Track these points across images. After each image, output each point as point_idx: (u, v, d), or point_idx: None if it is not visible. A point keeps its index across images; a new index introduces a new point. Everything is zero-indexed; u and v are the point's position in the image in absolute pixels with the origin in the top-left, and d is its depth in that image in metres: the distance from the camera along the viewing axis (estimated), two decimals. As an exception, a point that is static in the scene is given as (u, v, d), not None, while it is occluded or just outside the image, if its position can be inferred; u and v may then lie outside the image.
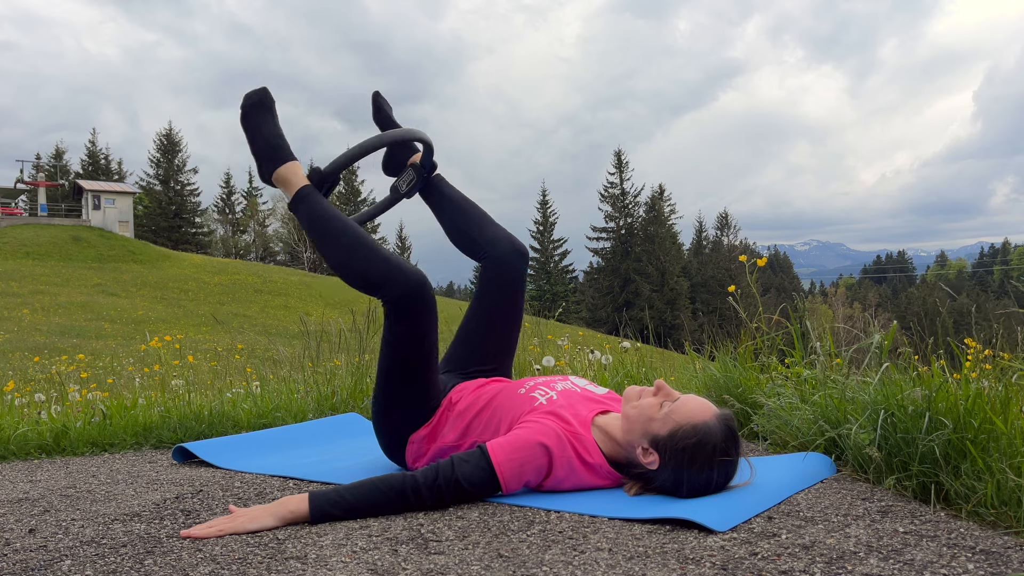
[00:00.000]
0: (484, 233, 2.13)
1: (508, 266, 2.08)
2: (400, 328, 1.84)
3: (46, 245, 40.95)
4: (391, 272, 1.82)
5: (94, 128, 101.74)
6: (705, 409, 1.59)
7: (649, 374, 3.32)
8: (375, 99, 2.34)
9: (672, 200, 61.09)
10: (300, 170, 2.00)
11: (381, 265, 1.84)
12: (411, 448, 1.91)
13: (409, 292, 1.81)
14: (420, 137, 2.13)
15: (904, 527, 1.30)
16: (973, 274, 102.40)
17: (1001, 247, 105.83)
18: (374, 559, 1.24)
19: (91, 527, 1.52)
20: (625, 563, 1.18)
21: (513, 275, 2.08)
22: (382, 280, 1.82)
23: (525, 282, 2.12)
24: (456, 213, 2.19)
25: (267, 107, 2.03)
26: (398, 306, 1.83)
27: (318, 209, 1.94)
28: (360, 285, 1.87)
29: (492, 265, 2.09)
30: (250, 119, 2.03)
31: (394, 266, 1.83)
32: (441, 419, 1.89)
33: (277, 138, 2.02)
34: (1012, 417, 1.43)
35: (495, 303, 2.09)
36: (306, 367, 3.81)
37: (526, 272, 2.12)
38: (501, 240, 2.10)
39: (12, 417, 2.89)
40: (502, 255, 2.08)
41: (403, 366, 1.86)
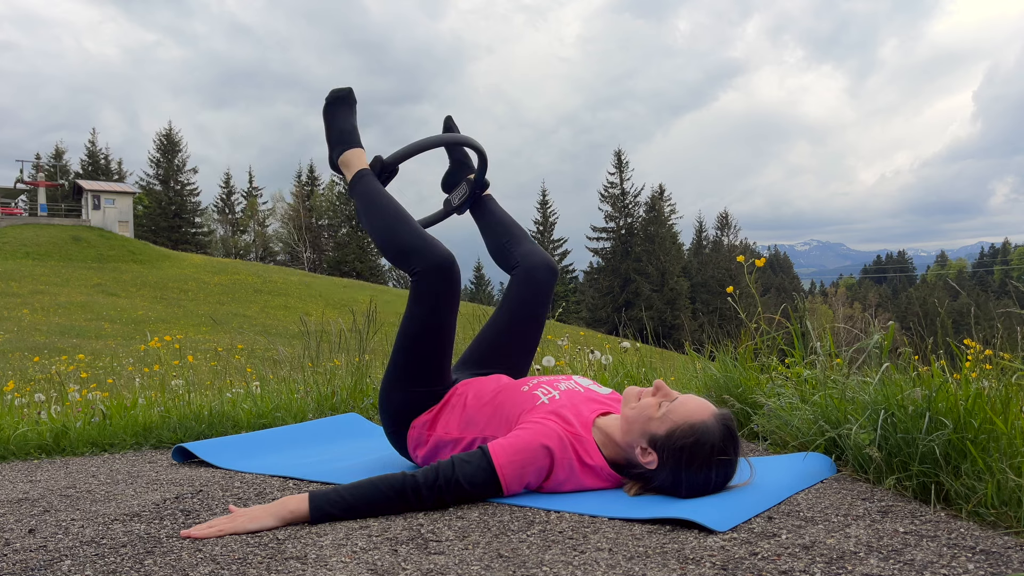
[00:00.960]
0: (519, 248, 2.24)
1: (537, 279, 2.17)
2: (423, 300, 1.91)
3: (46, 245, 40.95)
4: (425, 244, 1.93)
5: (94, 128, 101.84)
6: (703, 409, 1.59)
7: (649, 374, 3.32)
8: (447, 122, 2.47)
9: (672, 200, 61.13)
10: (364, 156, 2.17)
11: (417, 238, 1.96)
12: (412, 434, 1.93)
13: (438, 265, 1.90)
14: (478, 148, 2.25)
15: (904, 527, 1.30)
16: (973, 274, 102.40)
17: (1001, 247, 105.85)
18: (374, 559, 1.24)
19: (91, 527, 1.52)
20: (625, 563, 1.18)
21: (540, 288, 2.17)
22: (415, 250, 1.93)
23: (551, 296, 2.21)
24: (499, 229, 2.32)
25: (348, 103, 2.24)
26: (426, 277, 1.90)
27: (372, 188, 2.09)
28: (396, 254, 1.98)
29: (522, 276, 2.19)
30: (331, 109, 2.23)
31: (429, 241, 1.95)
32: (444, 408, 1.91)
33: (350, 127, 2.21)
34: (1012, 417, 1.43)
35: (519, 313, 2.16)
36: (306, 367, 3.81)
37: (554, 288, 2.21)
38: (533, 254, 2.22)
39: (12, 417, 2.89)
40: (533, 267, 2.18)
41: (421, 339, 1.91)
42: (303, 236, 59.64)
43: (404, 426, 1.95)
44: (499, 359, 2.13)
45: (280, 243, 63.00)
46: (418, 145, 2.16)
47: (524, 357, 2.19)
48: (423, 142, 2.17)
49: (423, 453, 1.92)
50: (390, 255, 2.01)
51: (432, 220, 2.38)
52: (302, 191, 62.26)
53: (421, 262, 1.91)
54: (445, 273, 1.90)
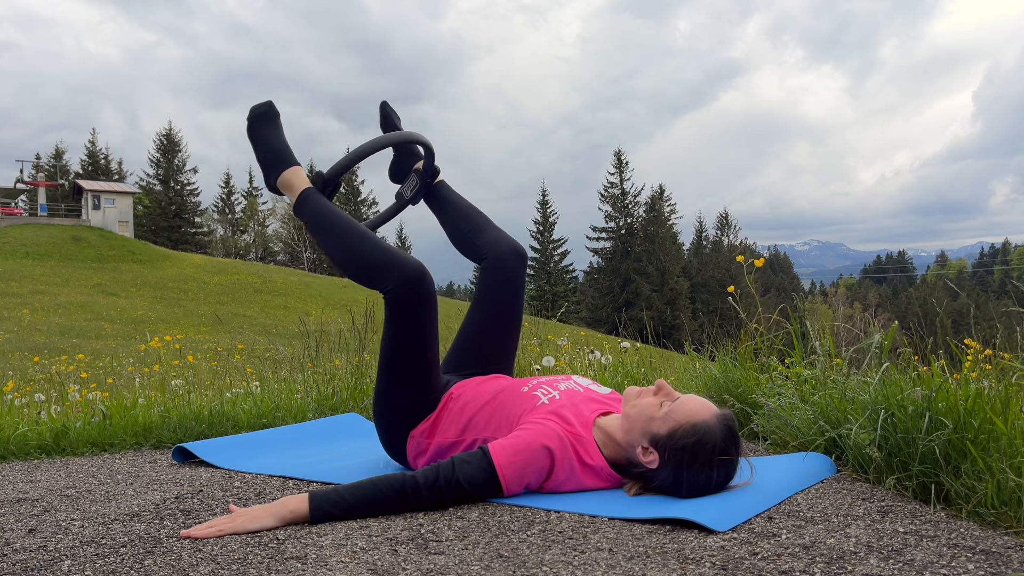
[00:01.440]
0: (484, 236, 2.16)
1: (507, 267, 2.11)
2: (400, 317, 1.86)
3: (46, 245, 40.95)
4: (392, 261, 1.87)
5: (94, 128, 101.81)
6: (705, 409, 1.59)
7: (649, 374, 3.32)
8: (383, 108, 2.37)
9: (672, 200, 61.12)
10: (303, 174, 2.07)
11: (381, 256, 1.88)
12: (411, 444, 1.91)
13: (408, 280, 1.84)
14: (420, 140, 2.16)
15: (904, 527, 1.30)
16: (973, 274, 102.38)
17: (1001, 247, 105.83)
18: (374, 559, 1.24)
19: (91, 527, 1.52)
20: (625, 563, 1.18)
21: (512, 276, 2.11)
22: (381, 269, 1.86)
23: (524, 283, 2.15)
24: (458, 218, 2.23)
25: (272, 118, 2.12)
26: (398, 294, 1.85)
27: (320, 208, 2.00)
28: (361, 276, 1.92)
29: (491, 266, 2.12)
30: (255, 129, 2.12)
31: (394, 256, 1.88)
32: (441, 414, 1.89)
33: (281, 145, 2.10)
34: (1012, 417, 1.43)
35: (495, 304, 2.11)
36: (306, 367, 3.81)
37: (525, 273, 2.14)
38: (500, 242, 2.14)
39: (12, 417, 2.89)
40: (501, 256, 2.11)
41: (403, 356, 1.87)
42: (303, 236, 59.62)
43: (402, 437, 1.93)
44: (484, 355, 2.08)
45: (280, 243, 62.99)
46: (357, 153, 2.06)
47: (507, 350, 2.13)
48: (361, 149, 2.06)
49: (424, 461, 1.90)
50: (356, 277, 1.94)
51: (387, 216, 2.30)
52: (302, 191, 62.15)
53: (391, 280, 1.85)
54: (417, 286, 1.84)
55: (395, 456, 1.99)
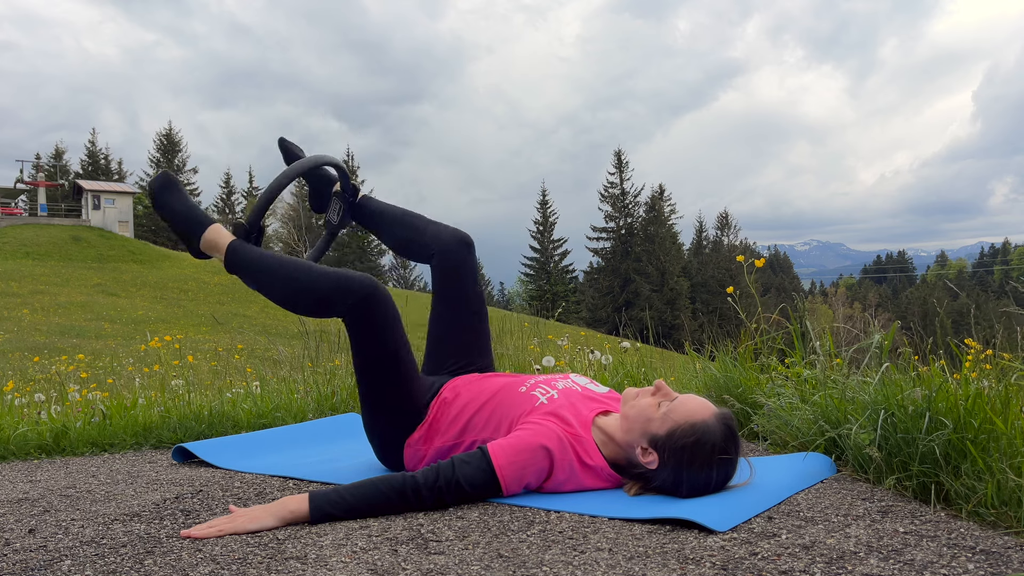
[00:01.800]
0: (425, 233, 2.12)
1: (454, 256, 2.07)
2: (364, 336, 1.85)
3: (46, 245, 40.94)
4: (339, 283, 1.83)
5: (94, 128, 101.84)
6: (704, 408, 1.59)
7: (649, 374, 3.31)
8: (282, 144, 2.31)
9: (672, 200, 61.10)
10: (223, 230, 2.04)
11: (326, 283, 1.85)
12: (408, 452, 1.90)
13: (361, 299, 1.81)
14: (328, 161, 2.12)
15: (904, 527, 1.30)
16: (973, 274, 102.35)
17: (1001, 247, 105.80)
18: (374, 559, 1.24)
19: (91, 527, 1.52)
20: (625, 563, 1.18)
21: (460, 264, 2.07)
22: (331, 296, 1.83)
23: (475, 269, 2.11)
24: (393, 225, 2.19)
25: (173, 186, 2.08)
26: (355, 314, 1.83)
27: (251, 256, 1.96)
28: (313, 309, 1.89)
29: (439, 260, 2.08)
30: (162, 203, 2.07)
31: (340, 277, 1.84)
32: (436, 418, 1.87)
33: (191, 210, 2.06)
34: (1012, 417, 1.43)
35: (451, 296, 2.08)
36: (306, 367, 3.81)
37: (474, 258, 2.10)
38: (441, 235, 2.10)
39: (12, 417, 2.89)
40: (446, 247, 2.08)
41: (378, 371, 1.86)
42: (303, 236, 59.63)
43: (398, 448, 1.91)
44: (456, 352, 2.06)
45: (280, 243, 63.02)
46: (268, 193, 2.01)
47: (478, 340, 2.09)
48: (271, 188, 2.01)
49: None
50: (309, 311, 1.91)
51: (322, 247, 2.27)
52: (302, 191, 62.22)
53: (344, 303, 1.82)
54: (371, 301, 1.82)
55: (393, 467, 1.97)
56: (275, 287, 1.92)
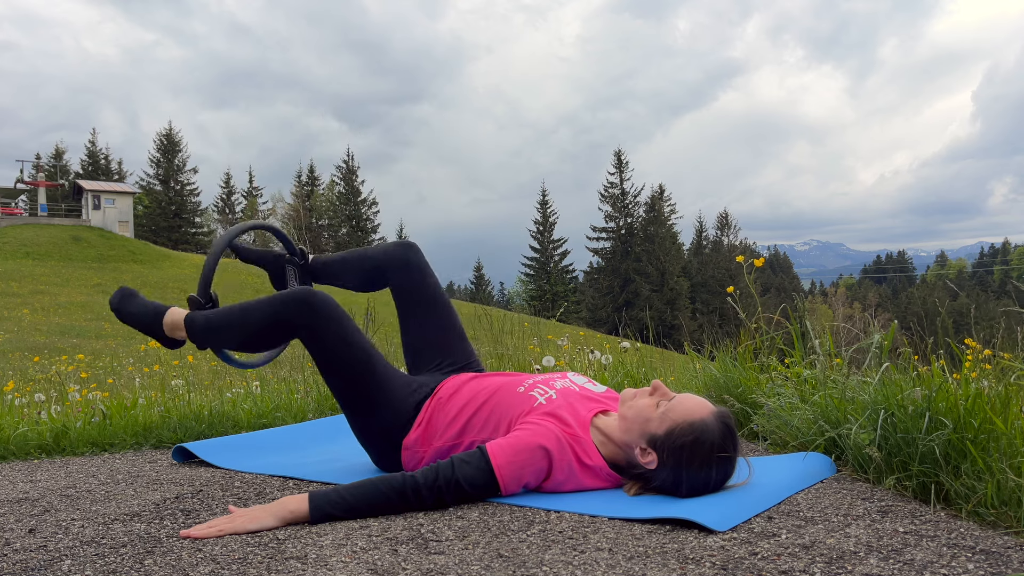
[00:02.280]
0: (373, 260, 2.20)
1: (402, 261, 2.14)
2: (323, 344, 1.87)
3: (46, 245, 40.94)
4: (280, 305, 1.88)
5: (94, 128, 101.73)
6: (702, 407, 1.59)
7: (649, 374, 3.31)
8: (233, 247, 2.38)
9: (672, 200, 61.10)
10: (177, 310, 2.11)
11: (268, 308, 1.90)
12: (406, 455, 1.89)
13: (301, 309, 1.85)
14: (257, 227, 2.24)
15: (904, 527, 1.30)
16: (973, 274, 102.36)
17: (1001, 247, 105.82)
18: (374, 559, 1.24)
19: (91, 527, 1.52)
20: (625, 563, 1.18)
21: (409, 265, 2.13)
22: (277, 318, 1.88)
23: (424, 267, 2.15)
24: (347, 272, 2.27)
25: (130, 296, 2.17)
26: (308, 328, 1.86)
27: (208, 319, 2.03)
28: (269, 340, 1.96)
29: (391, 271, 2.15)
30: (124, 312, 2.15)
31: (278, 299, 1.89)
32: (432, 418, 1.86)
33: (147, 308, 2.13)
34: (1012, 417, 1.43)
35: (411, 299, 2.13)
36: (306, 367, 3.81)
37: (422, 258, 2.16)
38: (387, 251, 2.18)
39: (12, 417, 2.89)
40: (391, 256, 2.16)
41: (354, 370, 1.88)
42: (303, 236, 59.61)
43: (395, 450, 1.90)
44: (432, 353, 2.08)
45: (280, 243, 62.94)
46: (210, 261, 2.14)
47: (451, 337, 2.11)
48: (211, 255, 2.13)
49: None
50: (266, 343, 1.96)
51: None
52: (302, 191, 62.26)
53: (291, 320, 1.86)
54: (310, 307, 1.85)
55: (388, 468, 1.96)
56: (236, 336, 1.98)
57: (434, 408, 1.88)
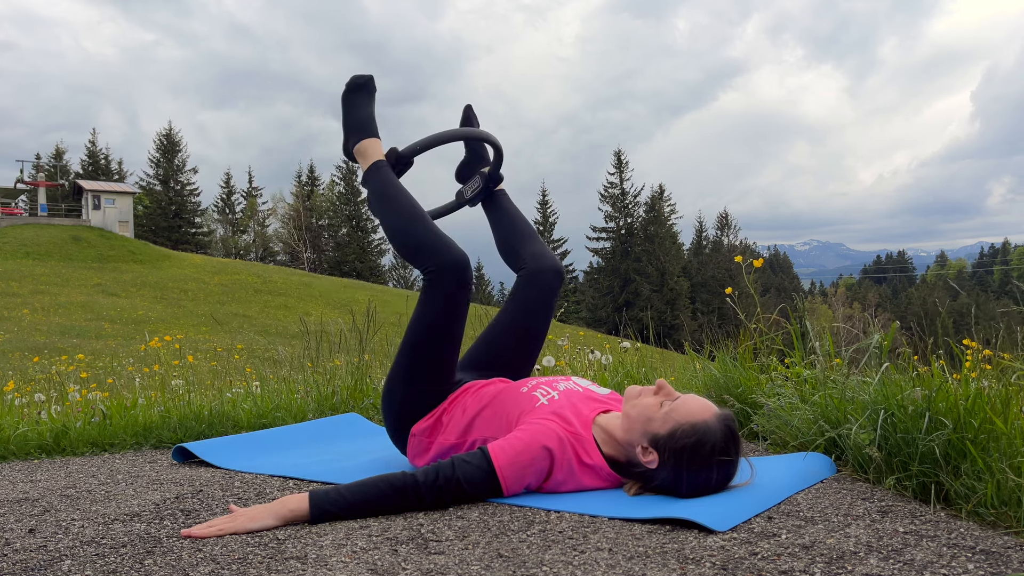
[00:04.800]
0: (527, 247, 2.22)
1: (542, 282, 2.15)
2: (435, 301, 1.90)
3: (46, 245, 40.95)
4: (440, 244, 1.92)
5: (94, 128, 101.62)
6: (705, 409, 1.59)
7: (649, 374, 3.32)
8: (466, 111, 2.43)
9: (672, 200, 61.14)
10: (380, 147, 2.15)
11: (432, 237, 1.95)
12: (412, 442, 1.92)
13: (451, 266, 1.89)
14: (494, 142, 2.24)
15: (904, 527, 1.30)
16: (973, 274, 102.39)
17: (1001, 247, 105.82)
18: (374, 559, 1.24)
19: (91, 527, 1.52)
20: (625, 563, 1.18)
21: (545, 290, 2.15)
22: (430, 249, 1.92)
23: (556, 299, 2.19)
24: (509, 226, 2.30)
25: (368, 91, 2.21)
26: (438, 276, 1.89)
27: (387, 180, 2.07)
28: (407, 251, 1.98)
29: (527, 278, 2.16)
30: (350, 96, 2.20)
31: (444, 240, 1.94)
32: (444, 414, 1.90)
33: (367, 117, 2.19)
34: (1012, 417, 1.43)
35: (523, 314, 2.15)
36: (306, 367, 3.81)
37: (559, 291, 2.19)
38: (541, 256, 2.19)
39: (12, 417, 2.89)
40: (539, 269, 2.16)
41: (429, 340, 1.90)
42: (303, 236, 59.62)
43: (405, 429, 1.94)
44: (500, 361, 2.11)
45: (280, 243, 63.01)
46: (435, 138, 2.16)
47: (525, 360, 2.16)
48: (440, 135, 2.16)
49: (424, 463, 1.91)
50: (403, 251, 2.00)
51: (443, 211, 2.35)
52: (302, 191, 62.28)
53: (435, 262, 1.90)
54: (459, 275, 1.89)
55: (398, 445, 2.00)
56: (389, 216, 2.02)
57: (449, 405, 1.91)
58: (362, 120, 2.18)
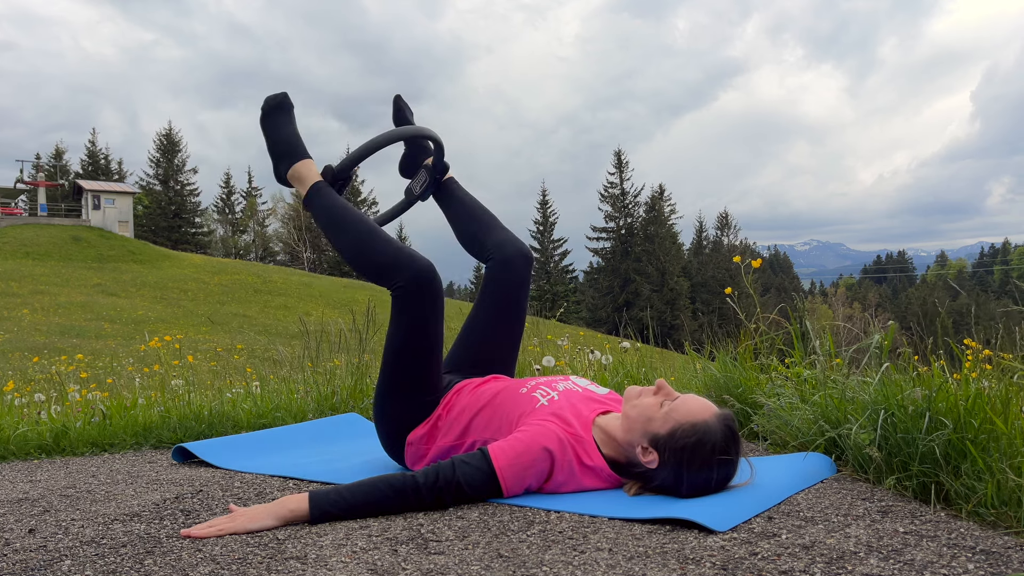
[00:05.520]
0: (491, 236, 2.15)
1: (512, 269, 2.09)
2: (406, 315, 1.86)
3: (46, 245, 40.95)
4: (401, 258, 1.87)
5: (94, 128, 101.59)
6: (705, 408, 1.59)
7: (649, 374, 3.31)
8: (396, 102, 2.36)
9: (672, 200, 61.14)
10: (314, 167, 2.09)
11: (392, 252, 1.89)
12: (410, 450, 1.91)
13: (417, 277, 1.85)
14: (430, 135, 2.15)
15: (904, 527, 1.30)
16: (973, 274, 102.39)
17: (1001, 247, 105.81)
18: (374, 559, 1.24)
19: (91, 527, 1.52)
20: (625, 563, 1.18)
21: (516, 278, 2.10)
22: (392, 266, 1.87)
23: (528, 285, 2.14)
24: (466, 216, 2.22)
25: (285, 110, 2.14)
26: (406, 291, 1.85)
27: (331, 202, 2.01)
28: (370, 273, 1.93)
29: (496, 267, 2.11)
30: (269, 120, 2.13)
31: (404, 253, 1.89)
32: (440, 418, 1.89)
33: (293, 137, 2.12)
34: (1012, 417, 1.43)
35: (498, 305, 2.10)
36: (306, 367, 3.81)
37: (530, 276, 2.14)
38: (507, 244, 2.12)
39: (12, 417, 2.89)
40: (507, 258, 2.10)
41: (407, 353, 1.88)
42: (303, 236, 59.60)
43: (401, 440, 1.92)
44: (484, 357, 2.08)
45: (280, 243, 62.98)
46: (367, 147, 2.07)
47: (509, 352, 2.12)
48: (370, 144, 2.07)
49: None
50: (365, 273, 1.95)
51: (394, 212, 2.29)
52: (302, 191, 62.18)
53: (400, 277, 1.85)
54: (426, 286, 1.85)
55: (393, 457, 1.99)
56: (343, 241, 1.96)
57: (443, 409, 1.89)
58: (287, 141, 2.11)
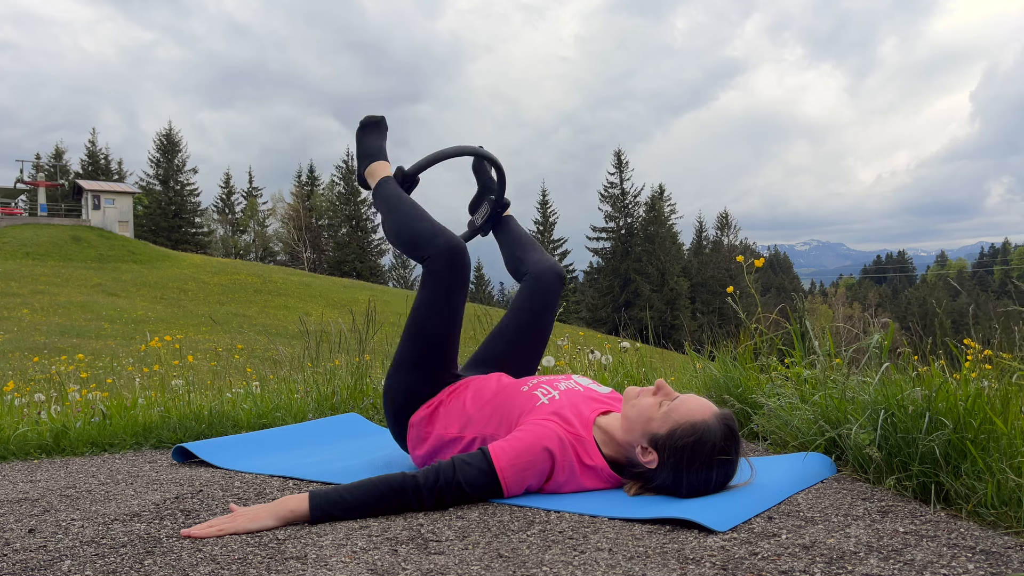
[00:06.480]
0: (530, 256, 2.32)
1: (543, 282, 2.23)
2: (433, 285, 1.97)
3: (46, 245, 40.95)
4: (438, 231, 2.01)
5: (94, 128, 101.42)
6: (704, 408, 1.59)
7: (649, 374, 3.32)
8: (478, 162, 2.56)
9: (672, 200, 61.15)
10: (388, 167, 2.32)
11: (432, 225, 2.04)
12: (411, 432, 1.95)
13: (448, 250, 1.97)
14: (493, 160, 2.38)
15: (904, 527, 1.30)
16: (973, 274, 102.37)
17: (1001, 247, 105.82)
18: (374, 559, 1.24)
19: (91, 527, 1.52)
20: (625, 563, 1.18)
21: (547, 291, 2.22)
22: (430, 234, 2.01)
23: (557, 302, 2.25)
24: (515, 244, 2.42)
25: (379, 128, 2.41)
26: (436, 263, 1.97)
27: (392, 191, 2.20)
28: (407, 244, 2.06)
29: (529, 282, 2.25)
30: (364, 131, 2.40)
31: (443, 229, 2.03)
32: (442, 404, 1.92)
33: (377, 146, 2.38)
34: (1012, 417, 1.43)
35: (524, 317, 2.20)
36: (306, 367, 3.81)
37: (560, 293, 2.25)
38: (542, 262, 2.29)
39: (12, 417, 2.89)
40: (539, 273, 2.25)
41: (429, 323, 1.96)
42: (303, 236, 59.62)
43: (404, 418, 1.97)
44: (503, 363, 2.14)
45: (280, 243, 63.00)
46: (436, 155, 2.28)
47: (530, 360, 2.21)
48: (441, 152, 2.29)
49: (422, 453, 1.92)
50: (403, 245, 2.08)
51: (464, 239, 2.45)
52: (302, 191, 62.25)
53: (432, 249, 1.98)
54: (455, 260, 1.96)
55: (396, 436, 2.03)
56: (392, 217, 2.12)
57: (447, 397, 1.93)
58: (372, 147, 2.36)
